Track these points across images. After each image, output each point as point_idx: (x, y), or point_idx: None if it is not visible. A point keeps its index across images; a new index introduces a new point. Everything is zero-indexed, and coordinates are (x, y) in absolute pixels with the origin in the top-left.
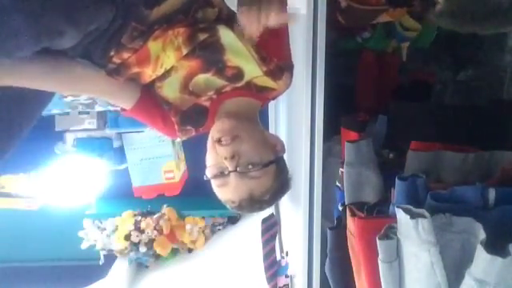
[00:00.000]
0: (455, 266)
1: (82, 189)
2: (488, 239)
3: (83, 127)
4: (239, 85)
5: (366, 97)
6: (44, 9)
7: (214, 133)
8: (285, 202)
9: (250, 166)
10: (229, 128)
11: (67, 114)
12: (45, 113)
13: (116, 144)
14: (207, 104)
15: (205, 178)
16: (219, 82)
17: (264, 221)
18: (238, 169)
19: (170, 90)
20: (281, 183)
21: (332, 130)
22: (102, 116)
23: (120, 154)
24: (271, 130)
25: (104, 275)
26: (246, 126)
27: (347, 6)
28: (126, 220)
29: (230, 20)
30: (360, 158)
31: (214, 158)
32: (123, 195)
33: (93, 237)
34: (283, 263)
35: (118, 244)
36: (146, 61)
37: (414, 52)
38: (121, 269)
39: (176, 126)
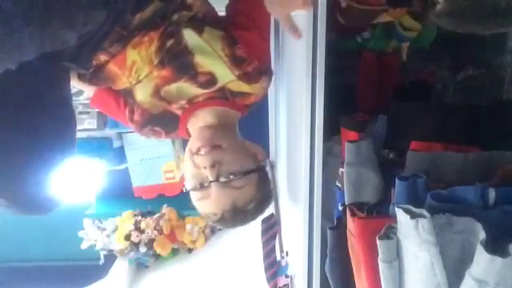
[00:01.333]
0: (455, 266)
1: (81, 189)
2: (488, 239)
3: (83, 127)
4: (213, 90)
5: (366, 97)
6: (47, 18)
7: (192, 143)
8: (285, 201)
9: (232, 176)
10: (208, 137)
11: None
12: None
13: (116, 144)
14: (179, 112)
15: (184, 190)
16: (192, 89)
17: (264, 221)
18: (219, 178)
19: (141, 92)
20: (264, 193)
21: (332, 130)
22: (101, 116)
23: (120, 154)
24: (271, 130)
25: (104, 275)
26: (225, 135)
27: (347, 6)
28: (125, 220)
29: (203, 23)
30: (360, 158)
31: (194, 169)
32: (123, 195)
33: (93, 237)
34: (283, 263)
35: (118, 244)
36: (122, 67)
37: (414, 52)
38: (121, 269)
39: (134, 126)
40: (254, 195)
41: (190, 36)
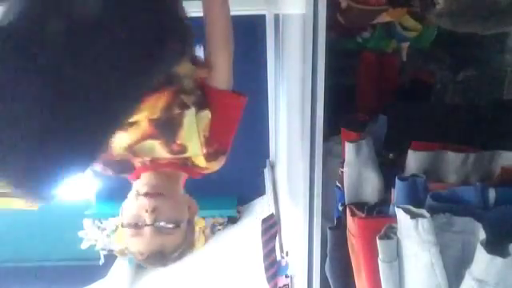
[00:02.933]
0: (455, 266)
1: (81, 188)
2: (488, 239)
3: None
4: (178, 157)
5: (366, 97)
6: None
7: (140, 186)
8: (285, 201)
9: (166, 223)
10: (155, 185)
11: None
12: None
13: None
14: (138, 165)
15: (120, 226)
16: (162, 152)
17: (264, 221)
18: (155, 223)
19: (117, 143)
20: (189, 243)
21: (332, 130)
22: None
23: None
24: (271, 130)
25: (104, 275)
26: (170, 186)
27: (347, 6)
28: None
29: (203, 102)
30: (360, 158)
31: (135, 208)
32: (123, 195)
33: (93, 237)
34: (283, 263)
35: (118, 244)
36: None
37: (413, 52)
38: (121, 269)
39: (97, 165)
40: (181, 243)
41: (190, 112)
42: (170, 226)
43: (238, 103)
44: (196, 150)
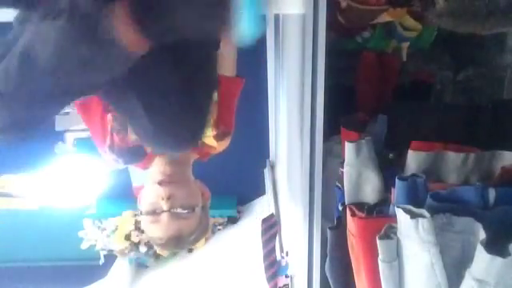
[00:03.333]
0: (455, 266)
1: (82, 189)
2: (488, 239)
3: (83, 127)
4: None
5: (366, 97)
6: None
7: (155, 174)
8: (285, 201)
9: (182, 209)
10: (170, 173)
11: (67, 113)
12: None
13: None
14: (148, 149)
15: (138, 213)
16: None
17: (264, 221)
18: (171, 209)
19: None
20: (204, 226)
21: (332, 130)
22: None
23: None
24: (271, 130)
25: (104, 275)
26: (184, 173)
27: (347, 6)
28: (125, 220)
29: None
30: (360, 158)
31: (152, 196)
32: (123, 195)
33: (93, 237)
34: (283, 263)
35: (118, 244)
36: None
37: (413, 52)
38: (121, 269)
39: (108, 155)
40: (196, 228)
41: None
42: (186, 211)
43: (238, 86)
44: (207, 130)
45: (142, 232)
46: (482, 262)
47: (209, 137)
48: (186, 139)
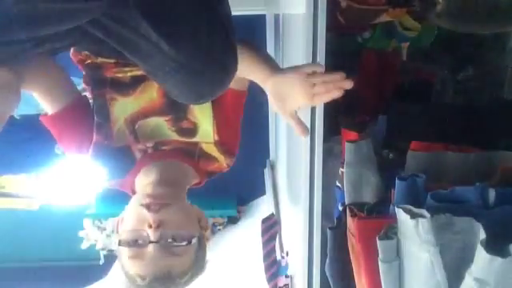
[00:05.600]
0: (455, 266)
1: (82, 189)
2: (488, 239)
3: None
4: (186, 141)
5: (366, 97)
6: None
7: (142, 196)
8: (285, 201)
9: (174, 240)
10: (161, 195)
11: None
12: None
13: None
14: (138, 155)
15: (116, 245)
16: (168, 132)
17: (264, 221)
18: (160, 241)
19: (119, 111)
20: (199, 265)
21: (332, 130)
22: None
23: None
24: (271, 130)
25: (104, 275)
26: (179, 195)
27: (347, 6)
28: None
29: None
30: (360, 158)
31: (136, 222)
32: (123, 195)
33: (93, 237)
34: (283, 263)
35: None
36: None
37: (414, 52)
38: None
39: (88, 159)
40: (190, 265)
41: None
42: (179, 243)
43: (242, 101)
44: (207, 132)
45: None
46: (482, 262)
47: (209, 143)
48: (220, 68)
